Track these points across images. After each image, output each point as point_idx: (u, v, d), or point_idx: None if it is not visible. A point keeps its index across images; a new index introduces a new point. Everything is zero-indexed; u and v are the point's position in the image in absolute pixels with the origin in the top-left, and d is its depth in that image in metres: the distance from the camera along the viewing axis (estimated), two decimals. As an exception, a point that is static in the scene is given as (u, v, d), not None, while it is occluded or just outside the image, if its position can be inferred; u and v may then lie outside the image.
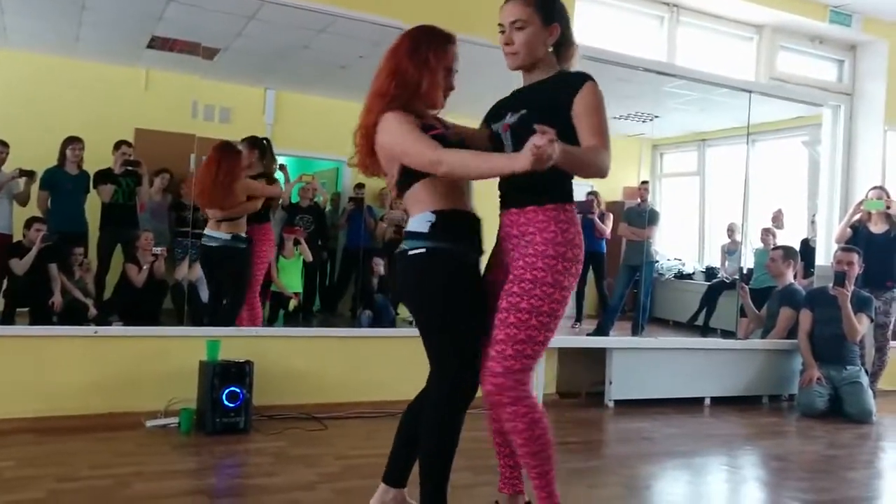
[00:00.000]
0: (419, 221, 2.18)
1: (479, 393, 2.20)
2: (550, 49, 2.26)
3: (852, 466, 3.81)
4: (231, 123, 5.78)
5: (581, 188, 7.13)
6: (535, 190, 2.16)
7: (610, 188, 8.11)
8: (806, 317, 5.21)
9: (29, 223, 4.73)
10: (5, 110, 4.93)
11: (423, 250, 2.17)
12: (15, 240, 4.83)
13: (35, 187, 4.95)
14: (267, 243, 4.76)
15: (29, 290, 4.70)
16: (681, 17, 5.56)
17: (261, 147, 4.70)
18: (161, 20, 4.92)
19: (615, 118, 7.02)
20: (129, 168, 5.16)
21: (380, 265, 6.04)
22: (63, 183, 5.02)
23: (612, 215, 7.10)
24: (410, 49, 2.18)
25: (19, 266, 4.64)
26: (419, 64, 2.16)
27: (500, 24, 2.22)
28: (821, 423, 4.73)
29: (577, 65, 2.30)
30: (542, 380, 4.62)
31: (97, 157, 5.16)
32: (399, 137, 2.12)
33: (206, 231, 4.53)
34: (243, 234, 4.49)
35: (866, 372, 5.18)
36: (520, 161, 1.84)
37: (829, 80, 6.23)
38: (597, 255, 6.93)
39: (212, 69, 5.46)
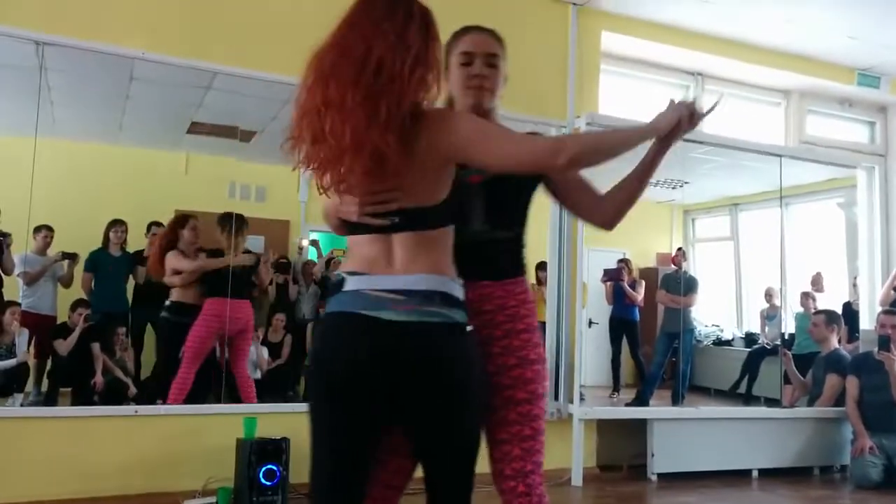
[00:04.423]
0: (454, 283, 1.65)
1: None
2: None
3: (913, 541, 3.64)
4: (266, 202, 5.92)
5: (612, 256, 7.10)
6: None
7: (643, 254, 8.08)
8: (852, 383, 5.06)
9: (74, 306, 4.84)
10: (52, 196, 5.11)
11: (471, 327, 1.67)
12: (59, 321, 4.94)
13: (78, 269, 5.10)
14: (204, 318, 4.56)
15: (72, 369, 4.78)
16: (706, 84, 5.63)
17: (221, 224, 4.80)
18: (201, 107, 5.12)
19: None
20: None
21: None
22: (106, 264, 5.16)
23: (644, 282, 7.04)
24: None
25: (63, 346, 4.74)
26: None
27: (465, 54, 1.87)
28: (876, 495, 4.53)
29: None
30: (580, 453, 4.52)
31: (140, 240, 5.31)
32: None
33: None
34: (183, 303, 4.65)
35: (921, 439, 4.97)
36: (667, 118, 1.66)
37: (861, 141, 6.21)
38: (630, 323, 6.84)
39: (248, 151, 5.63)
